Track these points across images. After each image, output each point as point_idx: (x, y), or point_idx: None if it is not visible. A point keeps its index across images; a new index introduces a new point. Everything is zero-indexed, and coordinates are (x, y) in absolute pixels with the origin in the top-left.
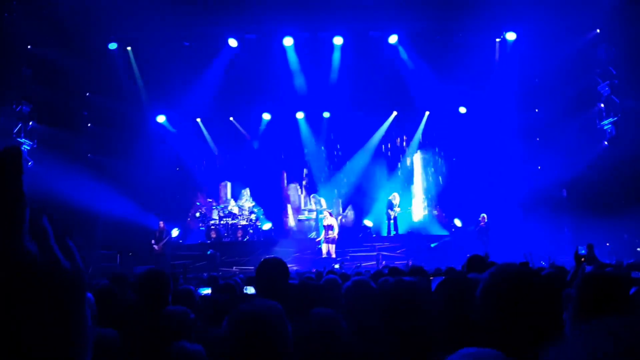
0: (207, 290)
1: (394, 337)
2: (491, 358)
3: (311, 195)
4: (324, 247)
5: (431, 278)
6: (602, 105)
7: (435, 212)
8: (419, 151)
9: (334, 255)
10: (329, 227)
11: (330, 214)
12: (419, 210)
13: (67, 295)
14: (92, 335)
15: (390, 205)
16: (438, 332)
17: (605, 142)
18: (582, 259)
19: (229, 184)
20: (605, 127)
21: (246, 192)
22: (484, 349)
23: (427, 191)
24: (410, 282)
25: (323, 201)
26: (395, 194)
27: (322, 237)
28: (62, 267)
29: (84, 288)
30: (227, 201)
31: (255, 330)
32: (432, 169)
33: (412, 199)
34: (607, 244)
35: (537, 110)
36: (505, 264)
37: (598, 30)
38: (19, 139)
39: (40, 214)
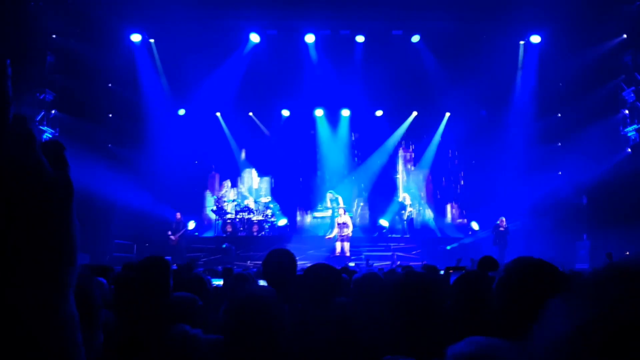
0: (219, 282)
1: (401, 327)
2: (498, 347)
3: (328, 192)
4: (338, 245)
5: (451, 272)
6: (627, 111)
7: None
8: (401, 149)
9: (348, 254)
10: (344, 225)
11: (345, 212)
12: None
13: (47, 198)
14: (78, 243)
15: (402, 207)
16: (448, 324)
17: (629, 149)
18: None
19: (217, 175)
20: (629, 134)
21: (227, 184)
22: (491, 338)
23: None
24: (419, 273)
25: (340, 199)
26: (406, 195)
27: (333, 234)
28: (43, 171)
29: (68, 195)
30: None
31: (248, 312)
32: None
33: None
34: (627, 253)
35: (559, 114)
36: (521, 257)
37: (624, 36)
38: (41, 127)
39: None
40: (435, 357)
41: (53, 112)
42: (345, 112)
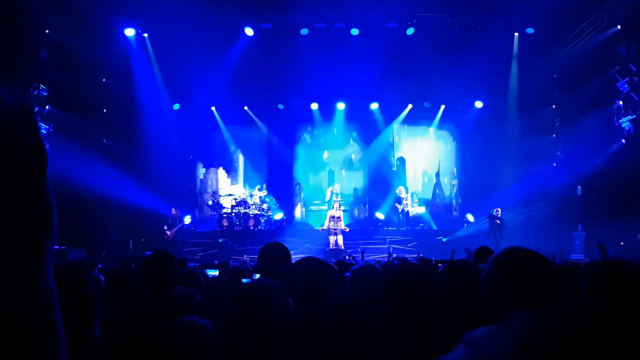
0: (214, 272)
1: (397, 317)
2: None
3: (331, 186)
4: (332, 239)
5: (439, 265)
6: (621, 102)
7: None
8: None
9: (342, 247)
10: (338, 219)
11: (340, 206)
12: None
13: (19, 164)
14: (54, 216)
15: (398, 200)
16: (442, 313)
17: (623, 140)
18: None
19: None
20: (624, 125)
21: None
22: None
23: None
24: (414, 264)
25: (339, 194)
26: (401, 188)
27: (325, 226)
28: (13, 135)
29: (41, 161)
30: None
31: (253, 304)
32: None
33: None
34: (622, 244)
35: (554, 106)
36: (509, 247)
37: (619, 27)
38: (42, 139)
39: None
40: (431, 344)
41: (47, 107)
42: (341, 106)
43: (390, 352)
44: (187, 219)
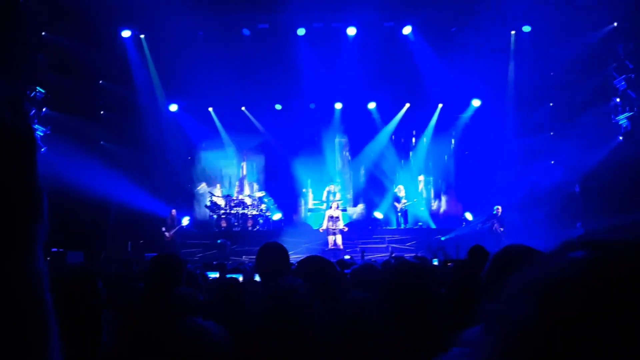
0: (214, 274)
1: (395, 313)
2: None
3: (328, 186)
4: (330, 239)
5: (449, 264)
6: (618, 99)
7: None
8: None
9: (341, 247)
10: (336, 219)
11: (338, 206)
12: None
13: (7, 147)
14: (45, 199)
15: (397, 198)
16: (441, 310)
17: (620, 137)
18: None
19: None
20: (621, 122)
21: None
22: None
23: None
24: (412, 262)
25: (339, 194)
26: (401, 187)
27: (324, 226)
28: (4, 120)
29: (30, 145)
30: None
31: (283, 307)
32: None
33: (419, 192)
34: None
35: (551, 104)
36: (509, 245)
37: (615, 24)
38: (32, 125)
39: None
40: (429, 341)
41: (44, 109)
42: (338, 105)
43: (390, 350)
44: (185, 220)
